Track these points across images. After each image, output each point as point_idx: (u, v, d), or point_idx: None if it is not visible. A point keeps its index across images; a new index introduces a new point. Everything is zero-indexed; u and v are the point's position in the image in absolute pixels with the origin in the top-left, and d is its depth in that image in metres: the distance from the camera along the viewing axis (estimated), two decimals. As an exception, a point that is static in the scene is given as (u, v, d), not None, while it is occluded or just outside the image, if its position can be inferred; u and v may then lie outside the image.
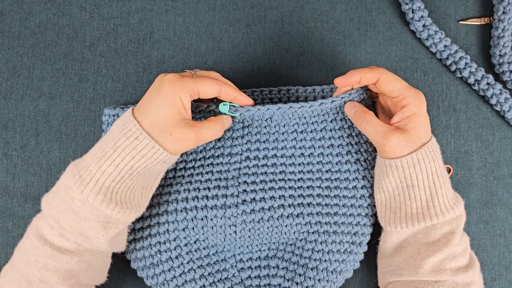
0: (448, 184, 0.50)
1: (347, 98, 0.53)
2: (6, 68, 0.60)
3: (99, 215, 0.45)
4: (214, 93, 0.48)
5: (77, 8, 0.61)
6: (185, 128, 0.45)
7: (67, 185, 0.45)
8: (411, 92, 0.48)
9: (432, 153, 0.49)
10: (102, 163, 0.44)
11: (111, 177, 0.44)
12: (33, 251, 0.46)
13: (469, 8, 0.62)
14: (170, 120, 0.45)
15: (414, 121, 0.48)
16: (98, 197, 0.44)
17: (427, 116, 0.50)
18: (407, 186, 0.49)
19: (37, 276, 0.45)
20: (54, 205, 0.45)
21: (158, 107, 0.45)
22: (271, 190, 0.53)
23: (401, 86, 0.49)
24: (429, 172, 0.49)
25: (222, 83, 0.49)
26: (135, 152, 0.44)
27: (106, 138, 0.46)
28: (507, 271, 0.59)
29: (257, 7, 0.61)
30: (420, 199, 0.49)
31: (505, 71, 0.59)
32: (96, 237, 0.46)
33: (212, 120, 0.49)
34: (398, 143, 0.48)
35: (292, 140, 0.55)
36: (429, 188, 0.49)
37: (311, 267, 0.53)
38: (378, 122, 0.49)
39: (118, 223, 0.47)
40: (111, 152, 0.44)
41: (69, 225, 0.45)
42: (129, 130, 0.45)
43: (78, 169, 0.45)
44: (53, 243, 0.45)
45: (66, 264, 0.46)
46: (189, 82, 0.45)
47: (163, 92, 0.45)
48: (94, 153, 0.46)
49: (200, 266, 0.54)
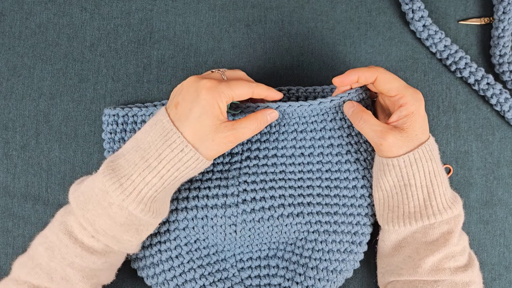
0: (446, 183, 0.50)
1: (346, 97, 0.53)
2: (6, 68, 0.60)
3: (134, 220, 0.46)
4: (247, 96, 0.48)
5: (77, 8, 0.61)
6: (225, 132, 0.46)
7: (104, 190, 0.45)
8: (409, 91, 0.48)
9: (429, 152, 0.49)
10: (147, 174, 0.45)
11: (154, 188, 0.45)
12: (61, 248, 0.45)
13: (469, 8, 0.62)
14: (212, 127, 0.45)
15: (412, 120, 0.48)
16: (139, 206, 0.45)
17: (425, 116, 0.50)
18: (404, 185, 0.49)
19: (60, 273, 0.45)
20: (88, 208, 0.45)
21: (200, 116, 0.45)
22: (271, 190, 0.53)
23: (399, 85, 0.49)
24: (426, 172, 0.49)
25: (254, 84, 0.49)
26: (180, 164, 0.45)
27: (145, 146, 0.46)
28: (507, 271, 0.59)
29: (257, 7, 0.61)
30: (417, 198, 0.49)
31: (505, 71, 0.59)
32: (128, 240, 0.47)
33: (249, 118, 0.49)
34: (395, 143, 0.48)
35: (292, 140, 0.56)
36: (426, 187, 0.49)
37: (311, 267, 0.53)
38: (375, 122, 0.49)
39: (149, 226, 0.48)
40: (156, 164, 0.45)
41: (103, 229, 0.45)
42: (173, 142, 0.45)
43: (118, 176, 0.45)
44: (82, 243, 0.46)
45: (92, 264, 0.46)
46: (225, 89, 0.46)
47: (202, 101, 0.45)
48: (134, 161, 0.45)
49: (200, 266, 0.54)
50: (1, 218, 0.58)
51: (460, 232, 0.51)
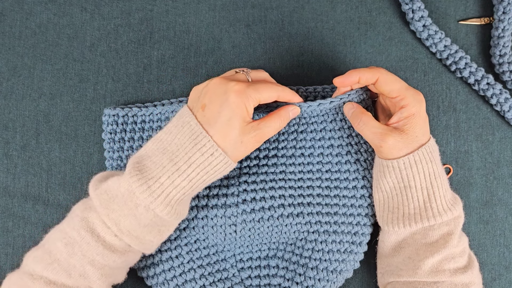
0: (446, 185, 0.50)
1: (346, 98, 0.52)
2: (6, 68, 0.60)
3: (158, 221, 0.46)
4: (273, 99, 0.49)
5: (77, 8, 0.61)
6: (251, 133, 0.47)
7: (131, 191, 0.45)
8: (410, 93, 0.48)
9: (430, 154, 0.49)
10: (176, 178, 0.45)
11: (182, 191, 0.45)
12: (82, 245, 0.45)
13: (469, 8, 0.62)
14: (240, 130, 0.46)
15: (412, 122, 0.48)
16: (166, 209, 0.45)
17: (426, 117, 0.50)
18: (404, 186, 0.49)
19: (79, 270, 0.45)
20: (113, 207, 0.45)
21: (229, 119, 0.45)
22: (271, 190, 0.53)
23: (400, 87, 0.48)
24: (427, 174, 0.49)
25: (280, 88, 0.49)
26: (209, 168, 0.45)
27: (173, 149, 0.46)
28: (507, 271, 0.59)
29: (258, 7, 0.61)
30: (417, 200, 0.49)
31: (505, 71, 0.59)
32: (150, 240, 0.47)
33: (272, 116, 0.49)
34: (395, 144, 0.48)
35: (292, 140, 0.56)
36: (426, 189, 0.49)
37: (311, 267, 0.53)
38: (375, 123, 0.49)
39: (171, 227, 0.49)
40: (185, 168, 0.45)
41: (128, 229, 0.45)
42: (203, 146, 0.45)
43: (145, 178, 0.45)
44: (105, 241, 0.45)
45: (112, 262, 0.46)
46: (253, 92, 0.46)
47: (232, 104, 0.45)
48: (162, 164, 0.45)
49: (200, 266, 0.54)
50: (1, 218, 0.58)
51: (460, 233, 0.51)
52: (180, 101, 0.58)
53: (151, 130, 0.56)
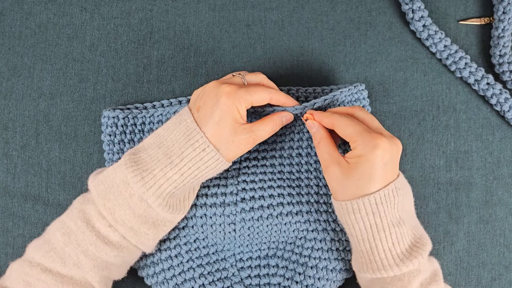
0: (399, 237, 0.47)
1: (339, 96, 0.53)
2: (6, 68, 0.60)
3: (151, 213, 0.48)
4: (265, 101, 0.50)
5: (77, 8, 0.61)
6: (244, 134, 0.48)
7: (126, 181, 0.47)
8: (363, 138, 0.46)
9: (373, 206, 0.46)
10: (168, 170, 0.46)
11: (174, 184, 0.47)
12: (78, 234, 0.46)
13: (469, 8, 0.62)
14: (232, 130, 0.47)
15: (360, 163, 0.46)
16: (157, 200, 0.47)
17: (380, 167, 0.46)
18: (349, 232, 0.48)
19: (74, 259, 0.46)
20: (109, 197, 0.47)
21: (220, 120, 0.47)
22: (270, 189, 0.53)
23: (353, 131, 0.46)
24: (367, 225, 0.46)
25: (273, 90, 0.51)
26: (201, 163, 0.47)
27: (168, 143, 0.48)
28: (507, 271, 0.59)
29: (257, 7, 0.61)
30: (361, 250, 0.48)
31: (505, 71, 0.59)
32: (145, 233, 0.48)
33: (265, 120, 0.50)
34: (334, 176, 0.47)
35: (289, 141, 0.56)
36: (368, 241, 0.47)
37: (310, 266, 0.53)
38: (328, 149, 0.48)
39: (166, 223, 0.50)
40: (178, 161, 0.46)
41: (122, 219, 0.47)
42: (196, 141, 0.46)
43: (140, 170, 0.47)
44: (99, 232, 0.47)
45: (105, 255, 0.47)
46: (244, 94, 0.47)
47: (222, 105, 0.46)
48: (157, 157, 0.47)
49: (199, 265, 0.54)
50: (1, 218, 0.58)
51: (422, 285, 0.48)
52: (180, 101, 0.58)
53: (151, 132, 0.56)
